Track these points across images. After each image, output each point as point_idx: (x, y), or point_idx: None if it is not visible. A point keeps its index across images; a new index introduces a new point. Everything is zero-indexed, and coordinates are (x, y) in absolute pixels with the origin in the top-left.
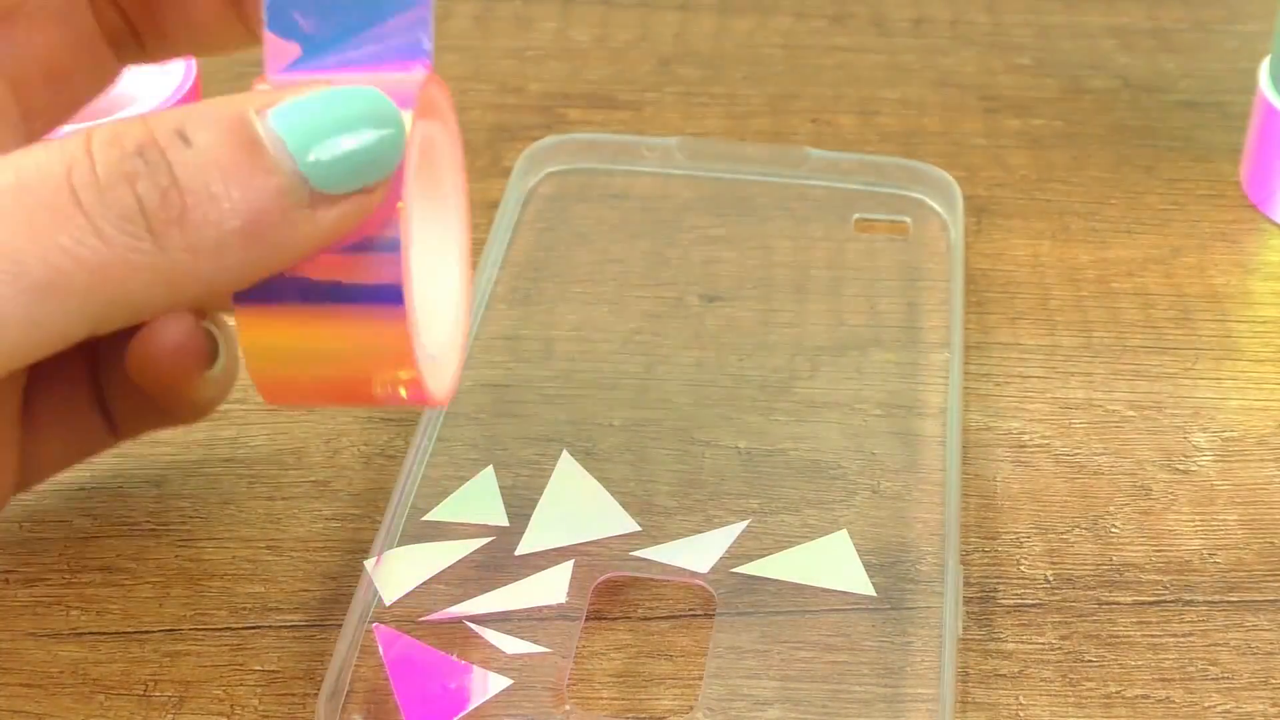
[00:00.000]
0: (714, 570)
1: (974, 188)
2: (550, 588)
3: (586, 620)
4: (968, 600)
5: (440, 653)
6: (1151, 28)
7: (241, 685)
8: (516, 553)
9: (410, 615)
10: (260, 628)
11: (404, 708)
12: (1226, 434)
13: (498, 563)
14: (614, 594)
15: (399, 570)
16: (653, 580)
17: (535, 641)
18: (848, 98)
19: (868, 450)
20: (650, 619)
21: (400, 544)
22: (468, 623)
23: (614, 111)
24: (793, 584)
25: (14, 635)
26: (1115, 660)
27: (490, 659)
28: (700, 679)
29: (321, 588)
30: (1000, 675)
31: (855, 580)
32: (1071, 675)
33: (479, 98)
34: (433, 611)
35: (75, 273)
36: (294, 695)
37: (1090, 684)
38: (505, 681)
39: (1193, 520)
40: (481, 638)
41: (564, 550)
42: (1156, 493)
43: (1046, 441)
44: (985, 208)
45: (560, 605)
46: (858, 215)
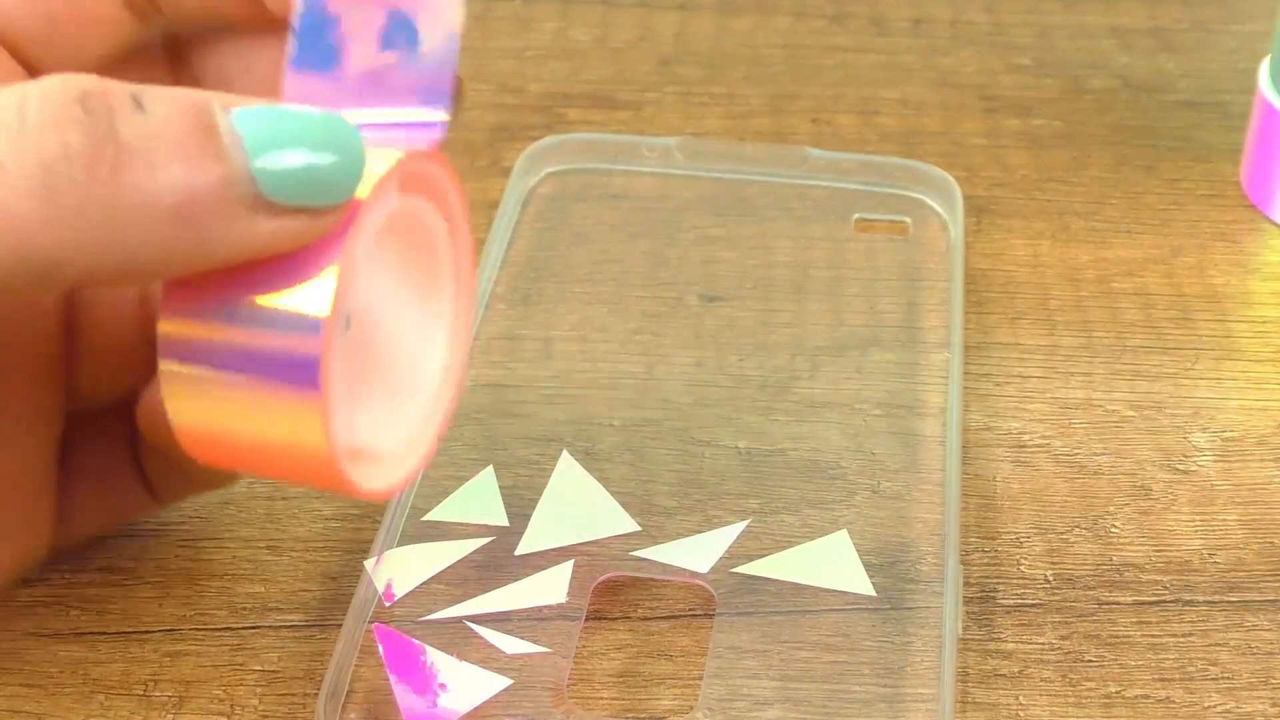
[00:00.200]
0: (714, 570)
1: (974, 188)
2: (550, 588)
3: (586, 620)
4: (968, 600)
5: (440, 653)
6: (1151, 28)
7: (241, 685)
8: (516, 553)
9: (410, 615)
10: (260, 628)
11: (404, 708)
12: (1226, 434)
13: (498, 563)
14: (614, 594)
15: (399, 570)
16: (653, 580)
17: (535, 641)
18: (848, 98)
19: (868, 450)
20: (650, 619)
21: (400, 544)
22: (468, 623)
23: (614, 111)
24: (793, 584)
25: (14, 635)
26: (1115, 660)
27: (490, 659)
28: (700, 679)
29: (321, 588)
30: (1000, 675)
31: (855, 580)
32: (1071, 675)
33: (479, 98)
34: (433, 611)
35: None
36: (294, 695)
37: (1090, 684)
38: (505, 681)
39: (1193, 520)
40: (481, 638)
41: (564, 550)
42: (1156, 493)
43: (1046, 441)
44: (985, 208)
45: (560, 605)
46: (858, 215)
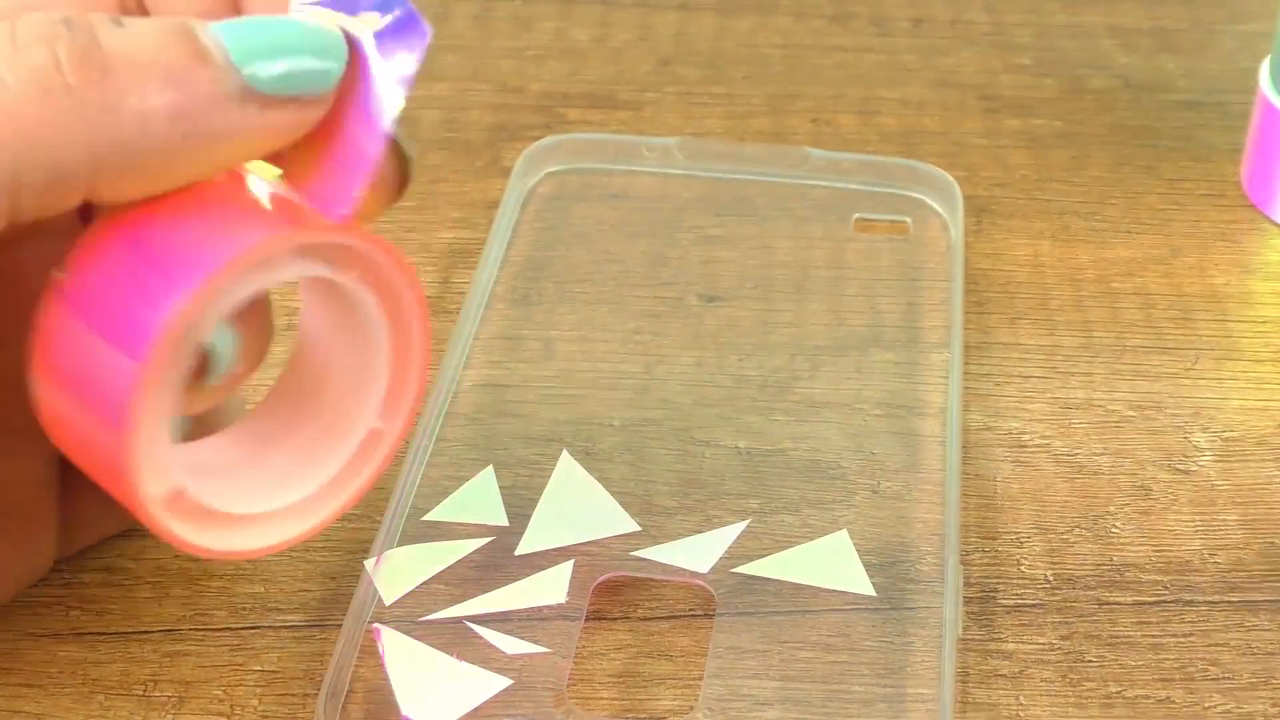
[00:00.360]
0: (714, 570)
1: (974, 188)
2: (550, 588)
3: (586, 620)
4: (968, 600)
5: (440, 653)
6: (1151, 28)
7: (241, 685)
8: (516, 553)
9: (410, 615)
10: (260, 628)
11: (404, 708)
12: (1227, 434)
13: (498, 563)
14: (614, 594)
15: (399, 570)
16: (653, 580)
17: (535, 641)
18: (848, 98)
19: (868, 450)
20: (650, 619)
21: (400, 544)
22: (468, 623)
23: (614, 111)
24: (793, 584)
25: (14, 635)
26: (1115, 660)
27: (490, 659)
28: (700, 679)
29: (321, 588)
30: (1000, 675)
31: (855, 580)
32: (1072, 675)
33: (479, 98)
34: (433, 611)
35: None
36: (294, 695)
37: (1090, 684)
38: (505, 681)
39: (1193, 520)
40: (481, 638)
41: (564, 550)
42: (1157, 493)
43: (1046, 441)
44: (985, 208)
45: (560, 605)
46: (858, 215)
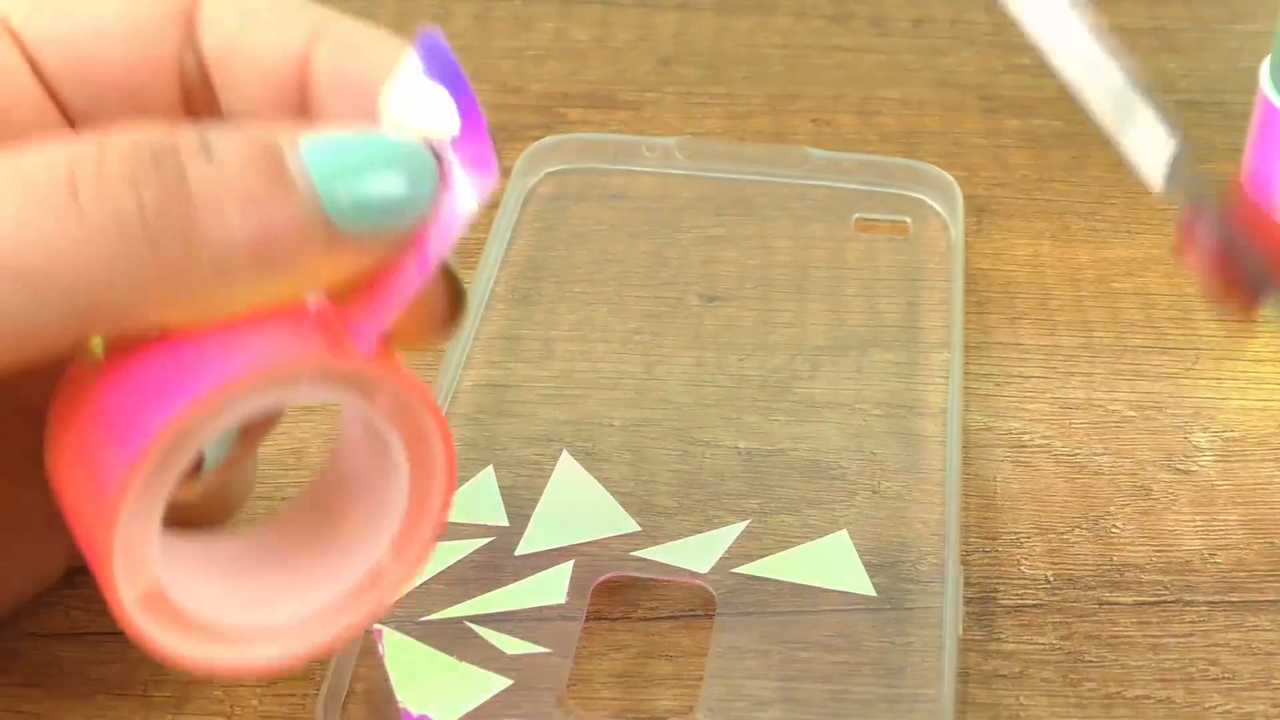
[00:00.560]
0: (714, 570)
1: (974, 188)
2: (550, 588)
3: (586, 620)
4: (968, 600)
5: (440, 653)
6: (1152, 28)
7: (241, 685)
8: (516, 553)
9: (410, 615)
10: None
11: (404, 708)
12: (1227, 434)
13: (498, 563)
14: (614, 594)
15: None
16: (653, 580)
17: (535, 641)
18: (848, 98)
19: (868, 450)
20: (650, 619)
21: None
22: (468, 623)
23: (614, 111)
24: (793, 584)
25: (14, 635)
26: (1116, 660)
27: (490, 659)
28: (700, 679)
29: None
30: (1000, 675)
31: (855, 580)
32: (1072, 675)
33: (479, 97)
34: (433, 611)
35: (57, 269)
36: (294, 695)
37: (1091, 684)
38: (505, 681)
39: (1193, 520)
40: (481, 638)
41: (564, 550)
42: (1157, 493)
43: (1047, 441)
44: (985, 208)
45: (560, 605)
46: (858, 215)
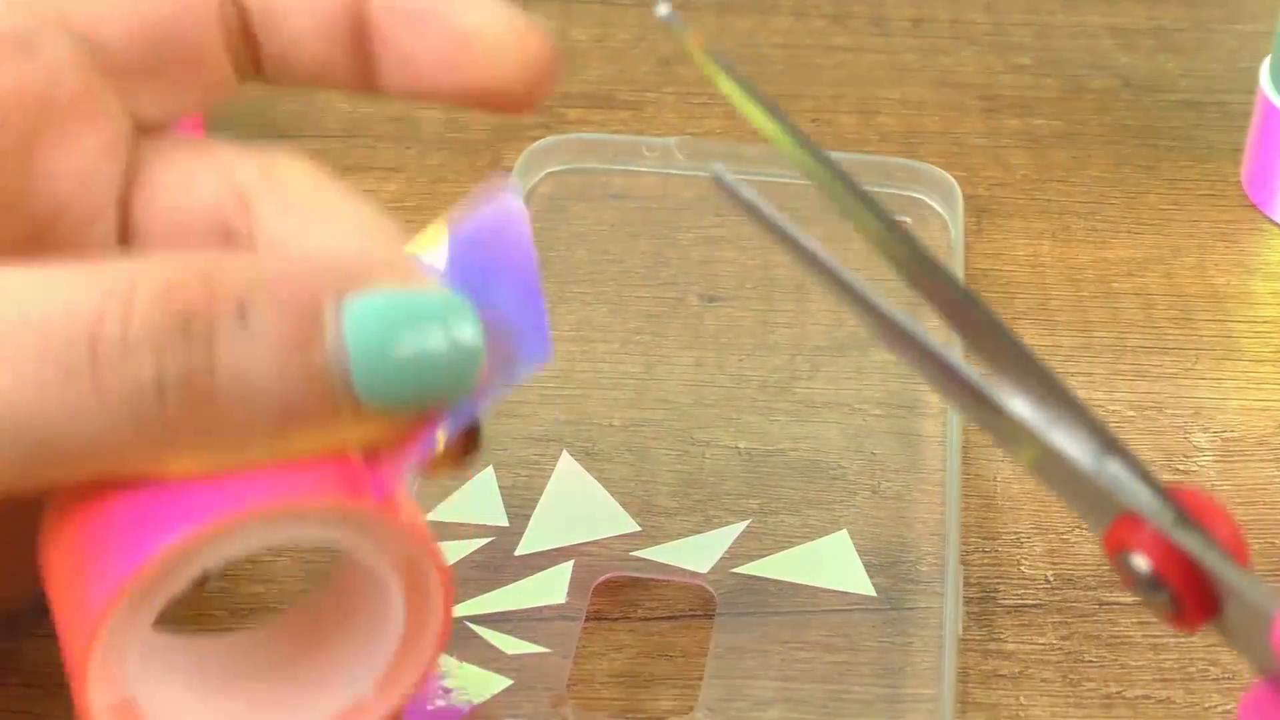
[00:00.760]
0: (714, 570)
1: (974, 188)
2: (550, 588)
3: (586, 620)
4: (968, 600)
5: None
6: (1151, 28)
7: None
8: (516, 553)
9: None
10: None
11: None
12: (1227, 434)
13: (498, 563)
14: (614, 594)
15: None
16: (653, 580)
17: (535, 641)
18: (848, 98)
19: (868, 450)
20: (650, 619)
21: None
22: (468, 623)
23: (614, 111)
24: (793, 584)
25: (14, 635)
26: (1116, 661)
27: (490, 659)
28: (700, 679)
29: None
30: (1000, 675)
31: (855, 580)
32: (1072, 675)
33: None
34: None
35: (66, 433)
36: None
37: (1091, 684)
38: (505, 681)
39: None
40: (481, 638)
41: (564, 550)
42: None
43: None
44: (985, 208)
45: (560, 605)
46: None
